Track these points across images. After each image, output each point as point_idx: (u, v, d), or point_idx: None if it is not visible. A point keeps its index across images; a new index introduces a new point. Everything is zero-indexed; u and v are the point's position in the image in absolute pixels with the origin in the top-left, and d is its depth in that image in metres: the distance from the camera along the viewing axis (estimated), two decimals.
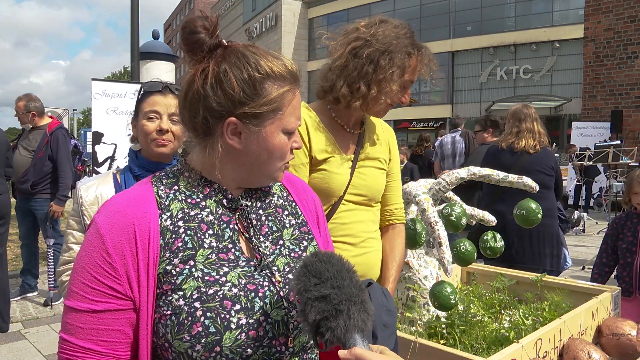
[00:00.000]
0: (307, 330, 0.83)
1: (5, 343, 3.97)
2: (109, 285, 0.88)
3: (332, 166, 1.59)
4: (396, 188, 1.81)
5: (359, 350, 0.80)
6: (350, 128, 1.68)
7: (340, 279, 0.83)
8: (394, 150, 1.81)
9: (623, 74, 12.59)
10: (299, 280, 0.84)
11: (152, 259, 0.89)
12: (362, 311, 0.83)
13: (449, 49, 28.99)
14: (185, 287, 0.89)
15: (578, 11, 23.03)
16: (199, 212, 0.97)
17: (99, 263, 0.88)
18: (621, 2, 12.54)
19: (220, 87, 0.94)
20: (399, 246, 1.76)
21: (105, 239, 0.89)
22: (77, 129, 14.87)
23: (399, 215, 1.80)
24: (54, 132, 4.83)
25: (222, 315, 0.88)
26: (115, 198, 0.96)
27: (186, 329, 0.87)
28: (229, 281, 0.92)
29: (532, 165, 3.33)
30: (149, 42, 6.68)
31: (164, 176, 1.01)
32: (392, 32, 1.55)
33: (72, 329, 0.88)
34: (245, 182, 1.03)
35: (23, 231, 5.05)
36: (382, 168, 1.73)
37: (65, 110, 12.44)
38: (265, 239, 1.03)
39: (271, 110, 0.96)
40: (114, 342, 0.88)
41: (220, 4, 50.56)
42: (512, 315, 2.25)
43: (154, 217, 0.92)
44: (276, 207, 1.09)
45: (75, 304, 0.88)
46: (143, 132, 1.71)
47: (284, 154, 1.01)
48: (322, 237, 1.18)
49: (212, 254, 0.94)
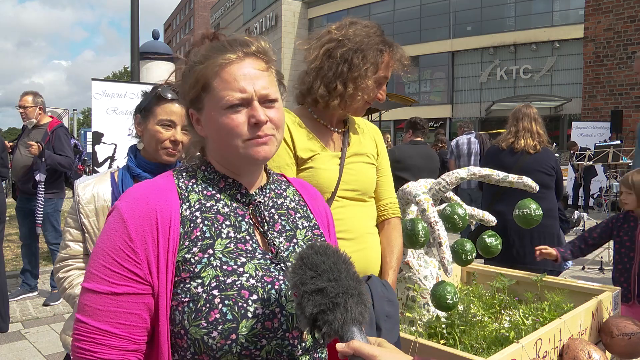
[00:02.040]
0: (304, 324, 0.83)
1: (5, 343, 3.97)
2: (130, 269, 0.89)
3: (318, 163, 1.62)
4: (387, 183, 1.84)
5: (356, 343, 0.80)
6: (334, 127, 1.72)
7: (336, 272, 0.83)
8: (380, 146, 1.83)
9: (623, 74, 12.59)
10: (295, 274, 0.84)
11: (171, 247, 0.91)
12: (360, 303, 0.82)
13: (449, 49, 28.98)
14: (204, 275, 0.90)
15: (578, 11, 23.03)
16: (214, 204, 0.99)
17: (121, 247, 0.90)
18: (621, 2, 12.54)
19: (181, 85, 1.05)
20: (396, 239, 1.78)
21: (128, 223, 0.90)
22: (77, 129, 14.87)
23: (393, 209, 1.82)
24: (55, 131, 4.83)
25: (239, 304, 0.89)
26: (138, 186, 0.98)
27: (204, 315, 0.88)
28: (246, 272, 0.94)
29: (533, 165, 3.33)
30: (149, 42, 6.68)
31: (183, 170, 1.04)
32: (362, 32, 1.60)
33: (90, 310, 0.88)
34: (233, 167, 1.03)
35: (24, 231, 5.05)
36: (371, 163, 1.76)
37: (65, 110, 12.44)
38: (279, 235, 1.04)
39: (200, 89, 0.98)
40: (131, 325, 0.89)
41: (220, 4, 50.55)
42: (512, 315, 2.25)
43: (175, 206, 0.94)
44: (288, 209, 1.10)
45: (94, 286, 0.89)
46: (155, 138, 1.72)
47: (234, 131, 0.95)
48: (332, 242, 1.19)
49: (231, 243, 0.96)
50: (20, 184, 4.86)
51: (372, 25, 1.65)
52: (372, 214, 1.75)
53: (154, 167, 1.75)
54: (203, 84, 0.98)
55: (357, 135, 1.77)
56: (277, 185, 1.13)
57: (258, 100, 0.97)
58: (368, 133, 1.82)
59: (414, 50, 27.91)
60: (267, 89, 0.98)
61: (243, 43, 1.00)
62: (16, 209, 5.12)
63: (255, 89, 0.96)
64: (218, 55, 0.98)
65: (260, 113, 0.96)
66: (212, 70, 0.97)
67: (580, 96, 14.63)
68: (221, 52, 0.98)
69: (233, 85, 0.95)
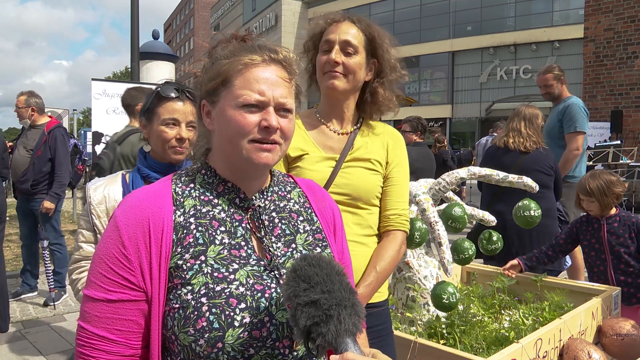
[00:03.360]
0: (298, 336, 0.82)
1: (5, 343, 3.97)
2: (124, 276, 0.90)
3: (306, 163, 1.60)
4: (394, 193, 1.69)
5: (350, 355, 0.79)
6: (335, 128, 1.69)
7: (330, 283, 0.82)
8: (393, 155, 1.72)
9: (623, 74, 12.59)
10: (288, 286, 0.83)
11: (164, 253, 0.92)
12: (353, 315, 0.82)
13: (449, 49, 29.00)
14: (194, 282, 0.91)
15: (578, 11, 23.05)
16: (210, 209, 0.99)
17: (115, 254, 0.91)
18: (621, 2, 12.54)
19: (200, 76, 1.05)
20: (387, 252, 1.62)
21: (122, 231, 0.92)
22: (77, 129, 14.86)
23: (396, 221, 1.67)
24: (52, 131, 4.81)
25: (226, 312, 0.89)
26: (135, 193, 0.99)
27: (191, 323, 0.88)
28: (236, 279, 0.93)
29: (531, 164, 3.34)
30: (149, 42, 6.69)
31: (183, 174, 1.05)
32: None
33: (89, 317, 0.91)
34: (234, 168, 1.02)
35: (24, 231, 5.05)
36: (374, 170, 1.67)
37: (65, 110, 12.41)
38: (278, 240, 1.03)
39: (220, 83, 0.99)
40: (127, 331, 0.91)
41: (220, 4, 50.57)
42: (512, 315, 2.25)
43: (168, 213, 0.95)
44: (291, 212, 1.09)
45: (92, 293, 0.91)
46: (161, 139, 1.72)
47: (243, 129, 0.96)
48: (338, 245, 1.17)
49: (224, 249, 0.96)
50: (19, 184, 4.86)
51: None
52: (365, 222, 1.64)
53: (163, 167, 1.76)
54: (224, 78, 0.99)
55: (365, 139, 1.69)
56: (281, 187, 1.13)
57: (274, 107, 0.98)
58: (380, 139, 1.72)
59: (414, 50, 27.93)
60: (285, 97, 0.99)
61: (272, 49, 1.02)
62: (16, 208, 5.12)
63: (274, 95, 0.98)
64: (245, 55, 0.99)
65: (273, 118, 0.97)
66: (236, 67, 0.98)
67: (580, 96, 14.63)
68: (249, 52, 1.00)
69: (253, 86, 0.97)
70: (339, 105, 1.67)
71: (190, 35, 64.03)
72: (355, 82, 1.64)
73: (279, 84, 0.99)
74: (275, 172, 1.14)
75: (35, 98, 4.85)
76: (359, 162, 1.65)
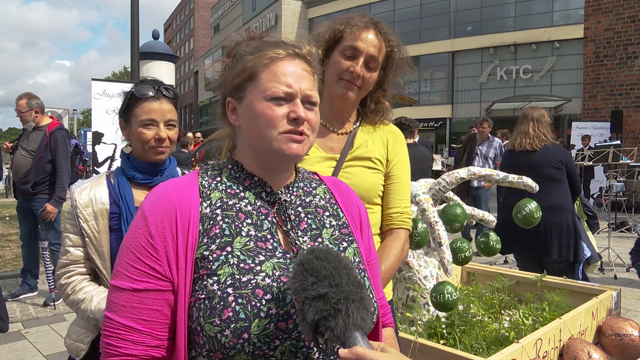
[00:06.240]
0: (306, 330, 0.82)
1: (5, 343, 3.97)
2: (150, 266, 0.91)
3: (306, 164, 1.59)
4: (396, 191, 1.70)
5: (359, 349, 0.79)
6: (335, 128, 1.69)
7: (337, 277, 0.82)
8: (393, 152, 1.72)
9: (623, 74, 12.59)
10: (295, 279, 0.83)
11: (190, 244, 0.93)
12: (361, 308, 0.82)
13: (449, 49, 28.98)
14: (220, 272, 0.91)
15: (578, 11, 23.03)
16: (237, 202, 1.00)
17: (142, 244, 0.92)
18: (621, 2, 12.54)
19: (224, 75, 1.06)
20: (391, 251, 1.62)
21: (149, 221, 0.93)
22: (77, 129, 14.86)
23: (399, 219, 1.67)
24: (53, 133, 4.82)
25: (252, 303, 0.89)
26: (162, 185, 1.01)
27: (217, 313, 0.88)
28: (263, 271, 0.93)
29: (541, 159, 3.50)
30: (149, 42, 6.69)
31: (210, 168, 1.07)
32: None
33: (115, 307, 0.92)
34: (263, 162, 1.03)
35: (24, 231, 5.05)
36: (375, 168, 1.67)
37: (65, 110, 12.42)
38: (304, 234, 1.04)
39: (247, 79, 1.00)
40: (153, 321, 0.91)
41: (220, 4, 50.56)
42: (512, 315, 2.25)
43: (195, 204, 0.96)
44: (317, 208, 1.10)
45: (119, 283, 0.92)
46: (140, 140, 1.70)
47: (273, 121, 0.97)
48: (365, 242, 1.16)
49: (250, 241, 0.96)
50: (20, 185, 4.86)
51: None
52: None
53: (147, 167, 1.74)
54: (250, 73, 1.00)
55: (365, 138, 1.69)
56: (306, 183, 1.13)
57: (301, 99, 1.00)
58: (380, 136, 1.73)
59: (414, 50, 27.88)
60: (311, 90, 1.02)
61: (296, 44, 1.04)
62: (17, 208, 5.12)
63: (301, 87, 1.00)
64: (271, 50, 1.01)
65: (301, 110, 0.99)
66: (262, 61, 1.00)
67: (580, 96, 14.63)
68: (274, 47, 1.02)
69: (281, 79, 0.98)
70: (342, 109, 1.68)
71: (190, 35, 64.02)
72: (364, 93, 1.67)
73: (304, 77, 1.01)
74: (300, 168, 1.15)
75: (36, 100, 4.85)
76: (359, 162, 1.65)
